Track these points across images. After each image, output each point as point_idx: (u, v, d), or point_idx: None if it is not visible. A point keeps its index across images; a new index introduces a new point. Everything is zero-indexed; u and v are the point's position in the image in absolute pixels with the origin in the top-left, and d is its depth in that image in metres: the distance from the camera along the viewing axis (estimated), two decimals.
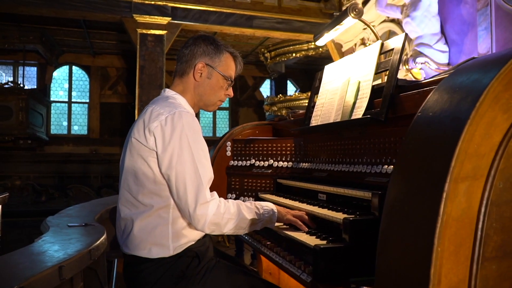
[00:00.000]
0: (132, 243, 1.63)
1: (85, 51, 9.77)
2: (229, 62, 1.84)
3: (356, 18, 2.21)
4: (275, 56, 9.29)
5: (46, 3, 6.24)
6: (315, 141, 2.36)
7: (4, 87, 8.18)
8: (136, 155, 1.62)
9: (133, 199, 1.64)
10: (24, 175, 7.83)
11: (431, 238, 0.81)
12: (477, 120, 0.85)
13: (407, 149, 0.97)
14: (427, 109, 0.98)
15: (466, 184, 0.85)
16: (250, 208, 1.74)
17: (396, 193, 0.95)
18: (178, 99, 1.75)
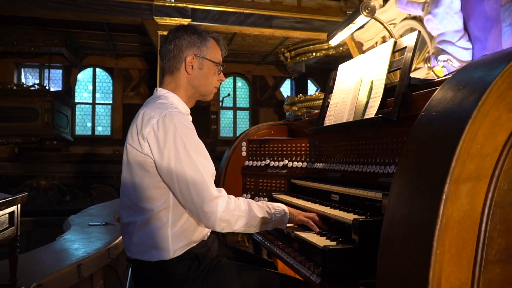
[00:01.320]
0: (134, 248, 1.64)
1: (108, 53, 9.95)
2: (215, 47, 1.80)
3: (369, 16, 2.18)
4: (295, 55, 9.24)
5: (69, 7, 6.39)
6: (329, 141, 2.34)
7: (30, 89, 8.40)
8: (132, 161, 1.61)
9: (132, 204, 1.64)
10: (49, 175, 8.03)
11: (430, 240, 0.79)
12: (480, 119, 0.83)
13: (410, 149, 0.95)
14: (431, 108, 0.96)
15: (468, 185, 0.83)
16: (261, 207, 1.73)
17: (397, 195, 0.93)
18: (170, 97, 1.73)
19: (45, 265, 2.51)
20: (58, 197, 7.60)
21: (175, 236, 1.62)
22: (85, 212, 4.73)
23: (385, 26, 2.39)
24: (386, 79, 1.87)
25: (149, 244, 1.61)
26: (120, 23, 7.24)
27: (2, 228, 1.84)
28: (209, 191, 1.55)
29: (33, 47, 8.40)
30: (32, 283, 2.15)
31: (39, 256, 2.74)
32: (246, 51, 9.81)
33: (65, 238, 3.29)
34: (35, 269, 2.41)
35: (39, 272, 2.36)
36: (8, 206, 1.88)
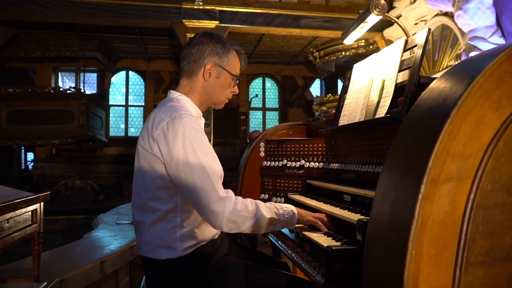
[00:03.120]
0: (144, 246, 1.68)
1: (140, 56, 10.21)
2: (235, 60, 1.82)
3: (380, 14, 2.15)
4: (324, 55, 9.17)
5: (102, 12, 6.60)
6: (344, 142, 2.32)
7: (67, 92, 8.73)
8: (143, 161, 1.65)
9: (143, 203, 1.68)
10: (84, 175, 8.33)
11: (405, 241, 0.78)
12: (461, 119, 0.81)
13: (395, 150, 0.94)
14: (417, 107, 0.95)
15: (449, 185, 0.82)
16: (269, 208, 1.73)
17: (381, 196, 0.93)
18: (182, 100, 1.75)
19: (69, 262, 2.62)
20: (92, 196, 7.87)
21: (183, 236, 1.65)
22: (114, 211, 4.89)
23: (399, 24, 2.34)
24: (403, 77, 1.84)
25: (158, 243, 1.64)
26: (151, 27, 7.42)
27: (25, 225, 1.94)
28: (216, 192, 1.56)
29: (69, 52, 8.73)
30: (55, 278, 2.26)
31: (65, 253, 2.86)
32: (275, 51, 9.82)
33: (91, 236, 3.42)
34: (59, 265, 2.53)
35: (62, 268, 2.47)
36: (30, 204, 1.98)
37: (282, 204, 1.82)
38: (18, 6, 6.36)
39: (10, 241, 1.73)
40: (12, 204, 1.73)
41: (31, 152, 10.04)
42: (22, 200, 1.84)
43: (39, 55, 8.65)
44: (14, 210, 1.76)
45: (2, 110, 8.22)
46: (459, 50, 5.51)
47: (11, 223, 1.74)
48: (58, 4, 6.45)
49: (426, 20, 6.20)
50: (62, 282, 2.27)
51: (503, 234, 0.83)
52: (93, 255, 2.82)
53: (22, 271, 2.28)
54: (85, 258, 2.72)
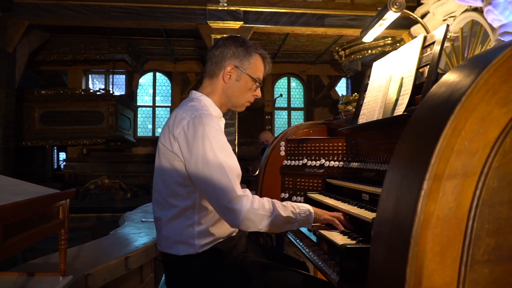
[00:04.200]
0: (163, 242, 1.73)
1: (167, 58, 10.37)
2: (258, 64, 1.84)
3: (398, 11, 2.12)
4: (350, 54, 9.05)
5: (130, 16, 6.77)
6: (364, 140, 2.31)
7: (96, 94, 8.96)
8: (163, 158, 1.69)
9: (162, 200, 1.72)
10: (113, 174, 8.54)
11: (407, 237, 0.78)
12: (466, 115, 0.81)
13: (401, 147, 0.94)
14: (424, 103, 0.94)
15: (454, 182, 0.81)
16: (286, 207, 1.74)
17: (387, 193, 0.93)
18: (203, 100, 1.79)
19: (95, 257, 2.71)
20: (120, 195, 8.07)
21: (201, 233, 1.68)
22: (140, 209, 5.01)
23: (420, 22, 2.31)
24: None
25: (176, 239, 1.68)
26: (177, 29, 7.53)
27: (51, 221, 2.02)
28: (233, 190, 1.57)
29: (99, 54, 8.96)
30: (80, 273, 2.34)
31: (91, 248, 2.96)
32: (299, 51, 9.79)
33: (117, 233, 3.52)
34: (86, 261, 2.61)
35: (88, 263, 2.55)
36: (57, 200, 2.06)
37: (298, 203, 1.83)
38: (51, 11, 6.59)
39: (37, 236, 1.81)
40: (39, 200, 1.81)
41: (63, 152, 10.38)
42: (49, 195, 1.92)
43: (70, 58, 8.92)
44: (41, 205, 1.84)
45: (36, 112, 8.52)
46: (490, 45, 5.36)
47: (38, 218, 1.82)
48: (88, 8, 6.65)
49: (455, 16, 6.05)
50: (87, 277, 2.35)
51: (510, 232, 0.81)
52: (118, 251, 2.90)
53: (49, 265, 2.38)
54: (110, 254, 2.80)
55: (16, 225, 1.64)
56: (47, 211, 1.95)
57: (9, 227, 1.58)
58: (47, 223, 1.95)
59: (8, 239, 1.57)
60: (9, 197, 1.69)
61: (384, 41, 8.44)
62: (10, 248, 1.57)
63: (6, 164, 6.45)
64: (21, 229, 1.69)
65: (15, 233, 1.63)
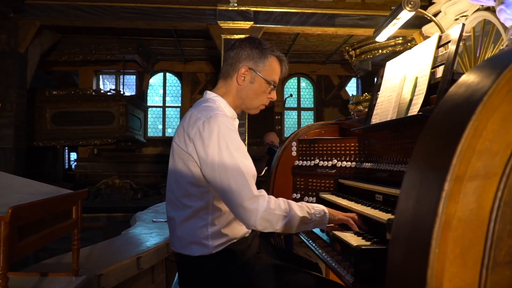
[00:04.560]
0: (177, 242, 1.72)
1: (177, 58, 10.40)
2: (274, 66, 1.82)
3: (412, 11, 2.10)
4: (360, 53, 9.01)
5: (141, 16, 6.79)
6: (377, 140, 2.29)
7: (107, 94, 9.02)
8: (177, 159, 1.69)
9: (176, 200, 1.71)
10: (123, 174, 8.59)
11: (428, 239, 0.77)
12: (487, 115, 0.79)
13: (420, 148, 0.93)
14: (443, 104, 0.93)
15: (475, 183, 0.79)
16: (301, 207, 1.72)
17: (406, 194, 0.92)
18: (217, 101, 1.78)
19: (107, 257, 2.72)
20: (130, 195, 8.11)
21: (215, 234, 1.67)
22: (151, 209, 5.03)
23: (434, 21, 2.29)
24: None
25: (190, 240, 1.68)
26: (187, 29, 7.55)
27: (64, 221, 2.03)
28: (249, 190, 1.57)
29: (109, 55, 9.01)
30: (93, 273, 2.35)
31: (103, 248, 2.97)
32: (309, 51, 9.76)
33: (129, 233, 3.53)
34: (98, 261, 2.63)
35: (101, 263, 2.57)
36: (69, 201, 2.07)
37: (313, 204, 1.82)
38: (62, 12, 6.65)
39: (50, 236, 1.82)
40: (52, 201, 1.82)
41: (74, 152, 10.46)
42: (62, 196, 1.93)
43: (81, 58, 8.99)
44: (54, 206, 1.85)
45: (47, 112, 8.60)
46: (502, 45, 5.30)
47: (51, 219, 1.83)
48: (99, 9, 6.69)
49: (466, 15, 5.99)
50: (100, 277, 2.36)
51: None
52: (130, 251, 2.91)
53: (62, 265, 2.39)
54: (122, 254, 2.81)
55: (30, 226, 1.65)
56: (60, 212, 1.97)
57: (23, 227, 1.59)
58: (61, 223, 1.96)
59: (23, 240, 1.58)
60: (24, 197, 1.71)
61: (395, 41, 8.38)
62: (24, 248, 1.58)
63: (17, 164, 6.52)
64: (35, 229, 1.70)
65: (29, 234, 1.64)
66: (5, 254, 1.43)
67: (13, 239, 1.49)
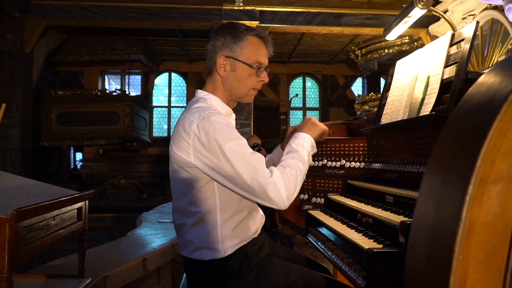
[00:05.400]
0: (186, 248, 1.69)
1: (182, 58, 10.40)
2: (254, 46, 1.69)
3: (425, 8, 2.06)
4: (366, 53, 8.96)
5: (147, 16, 6.78)
6: (387, 141, 2.25)
7: (113, 94, 9.02)
8: (177, 166, 1.64)
9: (181, 207, 1.68)
10: (129, 174, 8.58)
11: (451, 244, 0.74)
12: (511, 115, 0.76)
13: (439, 149, 0.89)
14: (463, 104, 0.89)
15: (499, 186, 0.76)
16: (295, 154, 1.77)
17: (425, 196, 0.88)
18: (209, 99, 1.71)
19: (113, 259, 2.70)
20: (136, 195, 8.10)
21: (225, 236, 1.64)
22: (157, 210, 5.01)
23: (445, 18, 2.25)
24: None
25: (200, 245, 1.64)
26: (193, 29, 7.53)
27: (70, 223, 2.01)
28: (264, 177, 1.54)
29: (115, 55, 9.01)
30: (99, 274, 2.33)
31: (109, 250, 2.95)
32: (315, 50, 9.71)
33: (134, 234, 3.51)
34: (104, 262, 2.60)
35: (106, 265, 2.54)
36: (76, 202, 2.05)
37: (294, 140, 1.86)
38: (68, 12, 6.64)
39: (56, 238, 1.80)
40: (58, 202, 1.80)
41: (79, 152, 10.47)
42: (68, 198, 1.90)
43: (87, 58, 9.00)
44: (60, 208, 1.83)
45: (53, 112, 8.60)
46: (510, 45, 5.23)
47: (57, 221, 1.80)
48: (105, 9, 6.68)
49: (474, 14, 5.92)
50: (106, 279, 2.34)
51: None
52: (135, 252, 2.89)
53: (68, 266, 2.37)
54: (128, 256, 2.79)
55: (37, 227, 1.63)
56: (67, 213, 1.94)
57: (30, 228, 1.57)
58: (67, 224, 1.94)
59: (29, 241, 1.56)
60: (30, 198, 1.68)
61: (401, 40, 8.32)
62: (29, 251, 1.56)
63: (23, 164, 6.53)
64: (42, 231, 1.68)
65: (35, 235, 1.62)
66: (10, 257, 1.39)
67: (17, 242, 1.46)
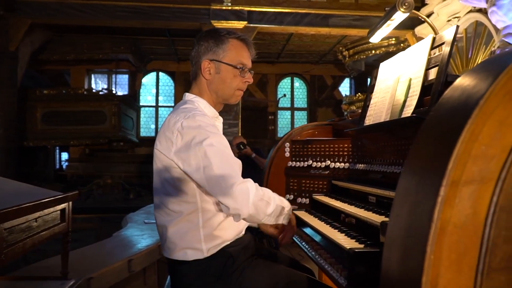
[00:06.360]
0: (168, 248, 1.69)
1: (170, 58, 10.36)
2: (236, 48, 1.76)
3: (407, 12, 2.09)
4: (353, 54, 9.02)
5: (135, 15, 6.74)
6: (371, 142, 2.28)
7: (99, 94, 8.93)
8: (160, 165, 1.65)
9: (163, 207, 1.68)
10: (116, 175, 8.52)
11: (424, 245, 0.76)
12: (483, 119, 0.78)
13: (415, 152, 0.91)
14: (439, 107, 0.91)
15: (471, 188, 0.78)
16: (279, 198, 1.72)
17: (400, 198, 0.90)
18: (196, 102, 1.75)
19: (98, 260, 2.69)
20: (123, 195, 8.05)
21: (208, 236, 1.64)
22: (143, 210, 4.99)
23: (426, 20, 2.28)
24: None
25: (183, 245, 1.64)
26: (181, 28, 7.51)
27: (53, 224, 2.00)
28: (237, 176, 1.54)
29: (102, 54, 8.94)
30: (83, 276, 2.31)
31: (94, 251, 2.93)
32: (303, 51, 9.76)
33: (120, 235, 3.49)
34: (88, 264, 2.59)
35: (91, 266, 2.53)
36: (59, 203, 2.04)
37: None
38: (54, 10, 6.57)
39: (39, 240, 1.79)
40: (41, 204, 1.79)
41: (65, 152, 10.37)
42: (51, 199, 1.89)
43: (73, 57, 8.91)
44: (42, 209, 1.82)
45: (38, 112, 8.49)
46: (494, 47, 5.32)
47: (39, 222, 1.79)
48: (92, 7, 6.63)
49: (459, 17, 6.01)
50: (90, 280, 2.33)
51: None
52: (121, 253, 2.88)
53: (52, 268, 2.35)
54: (113, 257, 2.78)
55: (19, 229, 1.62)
56: (50, 214, 1.93)
57: (11, 230, 1.56)
58: (50, 226, 1.93)
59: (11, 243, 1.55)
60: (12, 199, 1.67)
61: (388, 42, 8.40)
62: (12, 252, 1.55)
63: (8, 164, 6.44)
64: (24, 232, 1.67)
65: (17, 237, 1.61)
66: None
67: None
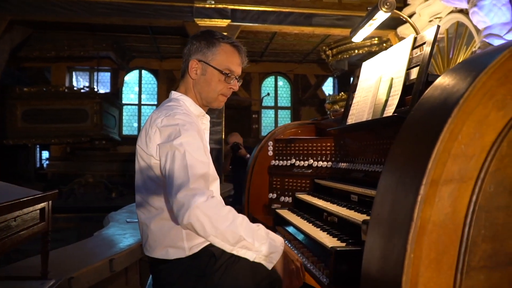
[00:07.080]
0: (150, 246, 1.67)
1: (153, 55, 10.27)
2: (226, 53, 1.75)
3: (389, 11, 2.11)
4: (337, 53, 9.08)
5: (116, 12, 6.65)
6: (353, 141, 2.30)
7: (81, 92, 8.81)
8: (141, 161, 1.65)
9: (145, 204, 1.67)
10: (98, 173, 8.41)
11: (404, 244, 0.76)
12: (463, 118, 0.79)
13: (395, 151, 0.92)
14: (421, 105, 0.92)
15: (450, 187, 0.79)
16: (255, 230, 1.55)
17: (381, 197, 0.91)
18: (181, 100, 1.74)
19: (79, 260, 2.65)
20: (105, 194, 7.95)
21: (190, 234, 1.62)
22: (125, 209, 4.94)
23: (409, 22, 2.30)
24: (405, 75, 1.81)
25: (165, 243, 1.63)
26: (163, 26, 7.45)
27: (33, 224, 1.96)
28: (187, 183, 1.45)
29: (83, 51, 8.82)
30: (63, 276, 2.28)
31: (75, 251, 2.89)
32: (287, 50, 9.78)
33: (102, 234, 3.45)
34: (69, 263, 2.55)
35: (72, 266, 2.49)
36: (38, 203, 2.00)
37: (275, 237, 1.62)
38: (34, 6, 6.44)
39: (18, 240, 1.75)
40: (19, 203, 1.75)
41: (46, 150, 10.18)
42: (29, 198, 1.85)
43: (53, 54, 8.76)
44: (21, 208, 1.78)
45: (18, 109, 8.33)
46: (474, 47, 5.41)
47: (18, 222, 1.75)
48: (73, 4, 6.52)
49: (440, 17, 6.10)
50: (70, 280, 2.29)
51: (507, 237, 0.80)
52: (102, 253, 2.84)
53: (32, 268, 2.30)
54: (94, 256, 2.74)
55: None
56: (29, 214, 1.89)
57: None
58: (29, 225, 1.89)
59: None
60: None
61: (371, 41, 8.47)
62: None
63: None
64: (2, 232, 1.63)
65: None
66: None
67: None
